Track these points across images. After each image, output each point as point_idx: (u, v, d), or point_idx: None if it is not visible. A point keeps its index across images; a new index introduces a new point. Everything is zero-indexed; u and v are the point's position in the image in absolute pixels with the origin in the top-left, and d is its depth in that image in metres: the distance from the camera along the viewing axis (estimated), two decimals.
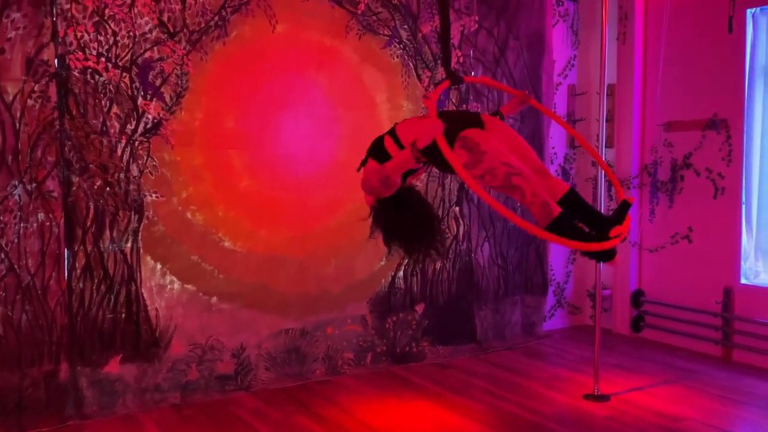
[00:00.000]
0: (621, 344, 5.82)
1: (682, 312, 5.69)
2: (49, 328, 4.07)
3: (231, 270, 4.66)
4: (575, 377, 4.97)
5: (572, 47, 6.27)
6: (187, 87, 4.43)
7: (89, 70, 4.12)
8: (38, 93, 3.97)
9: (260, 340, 4.77)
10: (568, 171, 6.30)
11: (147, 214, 4.35)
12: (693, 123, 5.60)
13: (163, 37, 4.32)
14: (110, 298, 4.26)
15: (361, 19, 5.01)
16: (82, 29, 4.08)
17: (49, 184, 4.03)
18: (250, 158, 4.70)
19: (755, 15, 5.23)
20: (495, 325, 5.79)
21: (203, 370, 4.57)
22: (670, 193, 5.80)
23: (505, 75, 5.70)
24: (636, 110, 5.97)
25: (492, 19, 5.60)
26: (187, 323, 4.51)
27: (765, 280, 5.34)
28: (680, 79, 5.70)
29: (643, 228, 6.03)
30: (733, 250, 5.39)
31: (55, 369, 4.09)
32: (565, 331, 6.28)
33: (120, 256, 4.28)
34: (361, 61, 5.06)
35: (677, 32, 5.70)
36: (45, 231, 4.04)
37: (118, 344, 4.30)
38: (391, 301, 5.27)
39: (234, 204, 4.65)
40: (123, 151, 4.26)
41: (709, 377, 4.97)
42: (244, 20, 4.58)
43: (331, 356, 5.03)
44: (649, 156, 5.94)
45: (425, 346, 5.41)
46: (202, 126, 4.52)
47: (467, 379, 4.95)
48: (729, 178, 5.40)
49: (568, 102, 6.30)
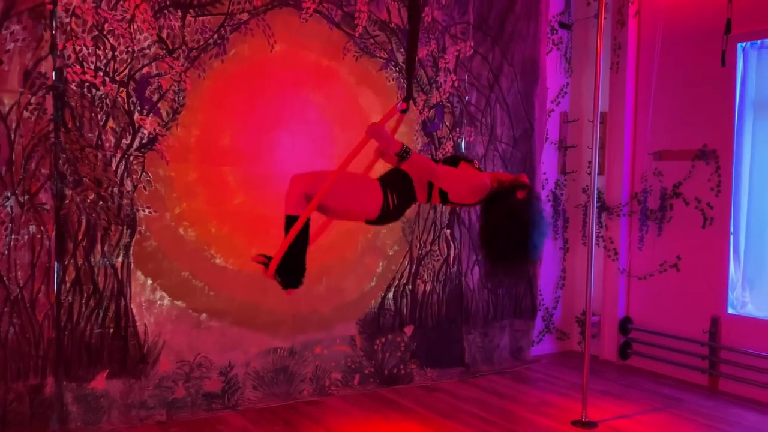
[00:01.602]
0: (608, 371, 5.83)
1: (669, 340, 5.72)
2: (36, 342, 4.03)
3: (221, 287, 4.65)
4: (563, 403, 4.97)
5: (565, 75, 6.35)
6: (183, 103, 4.44)
7: (86, 84, 4.12)
8: (34, 105, 3.97)
9: (248, 358, 4.75)
10: (558, 197, 6.35)
11: (139, 229, 4.34)
12: (683, 153, 5.67)
13: (161, 53, 4.34)
14: (99, 313, 4.23)
15: (358, 42, 5.06)
16: (81, 43, 4.09)
17: (42, 196, 4.02)
18: (244, 176, 4.71)
19: (746, 49, 5.32)
20: (483, 349, 5.79)
21: (190, 387, 4.53)
22: (660, 222, 5.85)
23: (498, 100, 5.76)
24: (627, 138, 6.04)
25: (487, 45, 5.67)
26: (176, 340, 4.48)
27: (752, 311, 5.38)
28: (671, 109, 5.78)
29: (632, 255, 6.07)
30: (720, 279, 5.44)
31: (41, 383, 4.05)
32: (553, 356, 6.29)
33: (110, 270, 4.26)
34: (357, 83, 5.10)
35: (669, 63, 5.79)
36: (36, 243, 4.02)
37: (105, 359, 4.26)
38: (381, 323, 5.27)
39: (227, 221, 4.65)
40: (117, 165, 4.26)
41: (695, 406, 4.99)
42: (243, 39, 4.61)
43: (319, 376, 5.01)
44: (639, 184, 6.00)
45: (413, 368, 5.40)
46: (198, 142, 4.52)
47: (455, 403, 4.94)
48: (718, 208, 5.46)
49: (561, 128, 6.36)
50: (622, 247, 6.07)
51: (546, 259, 6.22)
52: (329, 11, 4.92)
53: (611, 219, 6.12)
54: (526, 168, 5.94)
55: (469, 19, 5.54)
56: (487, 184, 2.97)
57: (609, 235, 6.13)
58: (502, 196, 2.97)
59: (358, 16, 5.02)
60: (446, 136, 5.51)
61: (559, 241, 6.41)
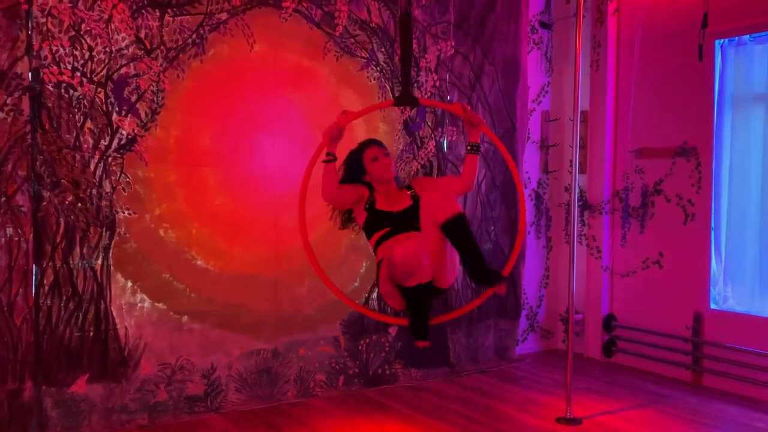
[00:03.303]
0: (593, 368, 5.84)
1: (653, 337, 5.74)
2: (14, 346, 3.97)
3: (203, 289, 4.61)
4: (548, 401, 4.97)
5: (546, 74, 6.38)
6: (162, 104, 4.41)
7: (64, 85, 4.08)
8: (10, 106, 3.92)
9: (231, 360, 4.71)
10: (541, 195, 6.37)
11: (119, 230, 4.30)
12: (664, 150, 5.70)
13: (139, 53, 4.31)
14: (78, 316, 4.18)
15: (338, 41, 5.04)
16: (58, 43, 4.05)
17: (19, 198, 3.97)
18: (224, 176, 4.68)
19: (723, 46, 5.36)
20: (468, 349, 5.79)
21: (172, 390, 4.49)
22: (641, 219, 5.87)
23: (480, 100, 5.77)
24: (608, 137, 6.06)
25: (468, 45, 5.68)
26: (157, 342, 4.43)
27: (734, 306, 5.41)
28: (652, 106, 5.82)
29: (614, 253, 6.09)
30: (702, 275, 5.46)
31: (19, 388, 3.98)
32: (537, 354, 6.29)
33: (90, 273, 4.21)
34: (338, 83, 5.08)
35: (649, 61, 5.82)
36: (13, 246, 3.96)
37: (86, 363, 4.21)
38: (365, 323, 5.24)
39: (207, 222, 4.62)
40: (96, 166, 4.21)
41: (679, 402, 5.01)
42: (222, 39, 4.59)
43: (303, 378, 4.98)
44: (620, 182, 6.03)
45: (398, 368, 5.38)
46: (177, 143, 4.49)
47: (440, 403, 4.93)
48: (699, 204, 5.49)
49: (542, 127, 6.38)
50: (604, 244, 6.08)
51: (529, 257, 6.23)
52: (309, 11, 4.90)
53: (593, 217, 6.14)
54: (508, 167, 5.93)
55: (449, 18, 5.55)
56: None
57: (592, 233, 6.14)
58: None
59: (338, 16, 5.01)
60: (428, 135, 5.50)
61: (543, 239, 6.42)
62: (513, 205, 5.98)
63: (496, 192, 5.88)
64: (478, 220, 5.77)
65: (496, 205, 5.89)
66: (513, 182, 5.97)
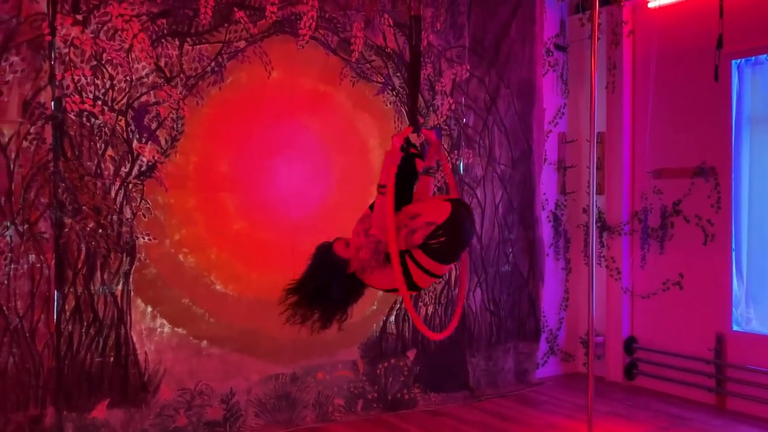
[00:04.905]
0: (614, 391, 5.77)
1: (675, 359, 5.67)
2: (36, 372, 4.01)
3: (222, 313, 4.63)
4: (569, 425, 4.91)
5: (562, 96, 6.39)
6: (182, 131, 4.47)
7: (85, 113, 4.16)
8: (34, 135, 4.00)
9: (250, 385, 4.71)
10: (559, 217, 6.35)
11: (139, 256, 4.34)
12: (682, 170, 5.67)
13: (159, 81, 4.38)
14: (99, 342, 4.22)
15: (354, 67, 5.10)
16: (80, 73, 4.13)
17: (42, 225, 4.03)
18: (243, 201, 4.72)
19: (740, 65, 5.35)
20: (487, 372, 5.74)
21: (191, 416, 4.50)
22: (661, 240, 5.83)
23: (496, 122, 5.79)
24: (626, 158, 6.04)
25: (483, 68, 5.71)
26: (177, 367, 4.45)
27: (757, 327, 5.33)
28: (668, 127, 5.80)
29: (634, 274, 6.04)
30: (724, 296, 5.40)
31: (41, 414, 4.02)
32: (558, 378, 6.23)
33: (110, 298, 4.25)
34: (354, 108, 5.13)
35: (664, 82, 5.82)
36: (35, 272, 4.02)
37: (106, 388, 4.23)
38: (383, 347, 5.23)
39: (226, 247, 4.65)
40: (117, 193, 4.27)
41: (703, 425, 4.93)
42: (241, 66, 4.66)
43: (322, 402, 4.96)
44: (639, 203, 6.00)
45: (417, 393, 5.35)
46: (197, 169, 4.54)
47: (460, 427, 4.89)
48: (718, 224, 5.44)
49: (559, 149, 6.38)
50: (624, 266, 6.04)
51: (549, 279, 6.19)
52: (325, 38, 4.97)
53: (612, 238, 6.10)
54: (525, 189, 5.95)
55: (464, 42, 5.59)
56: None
57: (611, 255, 6.10)
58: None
59: (354, 42, 5.07)
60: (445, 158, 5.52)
61: (561, 261, 6.39)
62: (530, 227, 5.97)
63: (513, 214, 5.87)
64: (496, 242, 5.76)
65: (514, 227, 5.89)
66: (531, 204, 5.99)
